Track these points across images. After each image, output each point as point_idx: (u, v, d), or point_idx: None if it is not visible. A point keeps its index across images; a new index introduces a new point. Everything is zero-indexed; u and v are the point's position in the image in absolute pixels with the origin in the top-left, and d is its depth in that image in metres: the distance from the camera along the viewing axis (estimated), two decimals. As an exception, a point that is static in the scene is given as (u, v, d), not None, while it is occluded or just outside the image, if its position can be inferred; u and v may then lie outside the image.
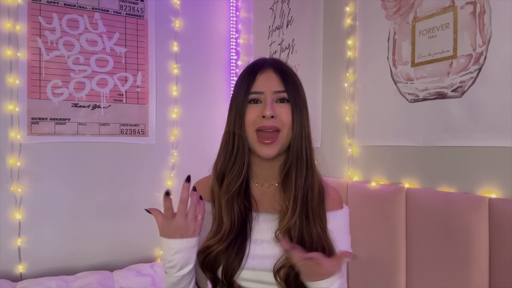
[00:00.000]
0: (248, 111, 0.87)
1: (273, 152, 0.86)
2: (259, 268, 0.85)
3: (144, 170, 2.19)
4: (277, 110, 0.86)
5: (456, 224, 1.10)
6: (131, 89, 2.16)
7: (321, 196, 0.92)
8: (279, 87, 0.88)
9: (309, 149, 0.90)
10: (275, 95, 0.87)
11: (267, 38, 2.19)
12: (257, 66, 0.91)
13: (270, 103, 0.86)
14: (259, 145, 0.86)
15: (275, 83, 0.88)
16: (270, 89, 0.87)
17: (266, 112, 0.84)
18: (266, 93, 0.87)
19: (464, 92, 1.15)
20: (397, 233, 1.29)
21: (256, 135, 0.86)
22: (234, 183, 0.89)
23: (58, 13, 1.98)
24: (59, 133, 1.99)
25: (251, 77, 0.89)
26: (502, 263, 1.00)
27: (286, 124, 0.87)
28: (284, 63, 0.94)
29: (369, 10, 1.50)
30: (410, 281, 1.25)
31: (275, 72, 0.89)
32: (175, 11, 2.29)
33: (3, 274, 1.85)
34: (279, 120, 0.86)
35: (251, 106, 0.88)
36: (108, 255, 2.09)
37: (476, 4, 1.11)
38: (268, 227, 0.88)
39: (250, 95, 0.88)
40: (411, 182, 1.32)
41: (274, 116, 0.85)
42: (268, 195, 0.93)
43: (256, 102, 0.88)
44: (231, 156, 0.90)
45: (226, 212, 0.88)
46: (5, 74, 1.87)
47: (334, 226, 0.92)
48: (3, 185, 1.87)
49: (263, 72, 0.89)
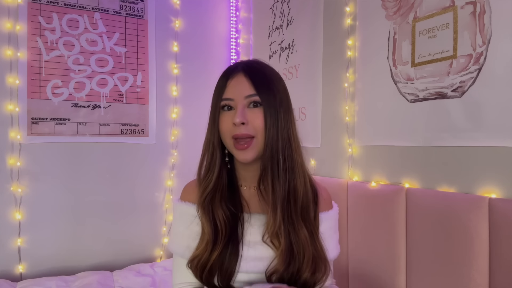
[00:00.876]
0: (222, 119, 0.87)
1: (250, 156, 0.84)
2: (253, 270, 0.84)
3: (144, 170, 2.19)
4: (249, 116, 0.84)
5: (456, 224, 1.10)
6: (131, 89, 2.16)
7: (314, 197, 0.90)
8: (250, 91, 0.85)
9: (289, 150, 0.86)
10: (246, 100, 0.85)
11: (267, 38, 2.19)
12: (228, 71, 0.90)
13: (241, 110, 0.84)
14: (236, 151, 0.85)
15: (246, 88, 0.85)
16: (241, 94, 0.85)
17: (236, 119, 0.83)
18: (237, 99, 0.85)
19: (464, 92, 1.15)
20: (397, 233, 1.29)
21: (232, 141, 0.85)
22: (210, 188, 0.88)
23: (58, 13, 1.98)
24: (59, 133, 1.99)
25: (223, 83, 0.88)
26: (502, 263, 1.00)
27: (259, 129, 0.84)
28: (258, 65, 0.90)
29: (369, 10, 1.50)
30: (410, 281, 1.25)
31: (246, 76, 0.86)
32: (175, 11, 2.29)
33: (3, 274, 1.86)
34: (251, 127, 0.84)
35: (224, 114, 0.87)
36: (108, 255, 2.09)
37: (476, 4, 1.11)
38: (261, 229, 0.87)
39: (222, 101, 0.86)
40: (411, 182, 1.32)
41: (246, 123, 0.83)
42: (257, 197, 0.92)
43: (230, 108, 0.86)
44: (207, 163, 0.90)
45: (206, 218, 0.87)
46: (5, 74, 1.87)
47: (325, 227, 0.92)
48: (3, 185, 1.87)
49: (234, 77, 0.87)
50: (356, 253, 1.45)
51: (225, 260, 0.83)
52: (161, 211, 2.25)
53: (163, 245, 2.24)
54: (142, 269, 2.01)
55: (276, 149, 0.84)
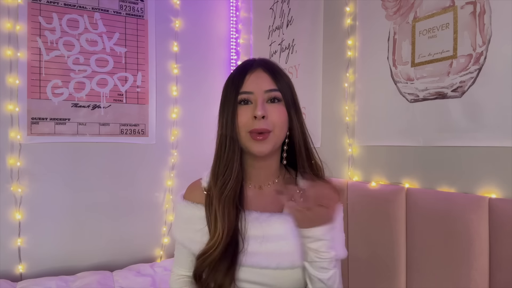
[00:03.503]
0: (240, 113, 0.87)
1: (266, 148, 0.86)
2: (251, 264, 0.85)
3: (144, 170, 2.19)
4: (268, 110, 0.85)
5: (456, 224, 1.10)
6: (131, 89, 2.16)
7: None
8: (271, 86, 0.87)
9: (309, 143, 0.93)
10: (266, 95, 0.87)
11: (267, 38, 2.19)
12: (246, 66, 0.91)
13: (261, 103, 0.85)
14: (252, 142, 0.85)
15: (266, 82, 0.87)
16: (261, 88, 0.86)
17: (257, 112, 0.83)
18: (256, 93, 0.86)
19: (464, 92, 1.15)
20: (397, 233, 1.29)
21: (248, 134, 0.86)
22: (228, 186, 0.89)
23: (58, 13, 1.98)
24: (59, 133, 1.99)
25: (241, 77, 0.88)
26: (502, 263, 1.00)
27: (277, 124, 0.86)
28: (273, 63, 0.93)
29: (369, 10, 1.50)
30: (410, 281, 1.25)
31: (265, 71, 0.88)
32: (175, 11, 2.29)
33: (3, 274, 1.86)
34: (270, 121, 0.85)
35: (242, 108, 0.87)
36: (108, 255, 2.09)
37: (476, 4, 1.11)
38: (263, 226, 0.88)
39: (240, 95, 0.87)
40: (411, 182, 1.32)
41: (265, 117, 0.85)
42: (262, 196, 0.93)
43: (247, 103, 0.87)
44: (225, 159, 0.89)
45: (221, 216, 0.87)
46: (5, 74, 1.87)
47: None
48: (3, 185, 1.87)
49: (253, 72, 0.88)
50: (356, 253, 1.45)
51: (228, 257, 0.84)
52: (161, 211, 2.25)
53: (163, 245, 2.24)
54: (142, 269, 2.01)
55: (300, 143, 0.91)
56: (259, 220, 0.88)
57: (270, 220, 0.88)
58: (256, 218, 0.89)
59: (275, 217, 0.88)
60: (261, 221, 0.88)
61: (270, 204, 0.91)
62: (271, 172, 0.94)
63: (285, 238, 0.85)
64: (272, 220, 0.87)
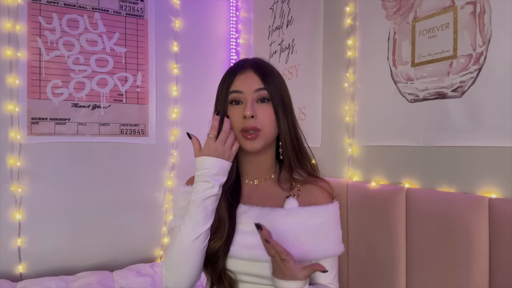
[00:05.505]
0: (231, 113, 0.91)
1: (257, 145, 0.90)
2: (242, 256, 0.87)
3: (144, 170, 2.19)
4: (258, 110, 0.89)
5: (456, 224, 1.10)
6: (131, 89, 2.16)
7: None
8: (259, 85, 0.90)
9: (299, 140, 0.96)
10: (255, 94, 0.90)
11: (267, 38, 2.19)
12: (237, 67, 0.94)
13: (251, 103, 0.89)
14: (245, 140, 0.90)
15: (255, 82, 0.91)
16: (250, 88, 0.90)
17: (246, 112, 0.88)
18: (246, 92, 0.90)
19: (464, 92, 1.15)
20: (397, 233, 1.29)
21: (241, 133, 0.90)
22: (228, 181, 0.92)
23: (58, 13, 1.98)
24: (59, 133, 1.99)
25: (231, 77, 0.92)
26: (502, 263, 1.00)
27: (266, 123, 0.90)
28: (265, 63, 0.96)
29: (369, 10, 1.50)
30: (410, 281, 1.25)
31: (255, 72, 0.92)
32: (175, 11, 2.29)
33: (3, 274, 1.86)
34: (259, 121, 0.89)
35: (233, 108, 0.91)
36: (108, 255, 2.09)
37: (476, 4, 1.11)
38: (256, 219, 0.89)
39: (231, 94, 0.91)
40: (411, 182, 1.32)
41: (255, 116, 0.88)
42: (258, 191, 0.97)
43: (238, 103, 0.91)
44: None
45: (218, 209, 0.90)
46: (5, 74, 1.87)
47: (324, 220, 0.93)
48: (3, 185, 1.87)
49: (243, 73, 0.92)
50: (356, 253, 1.45)
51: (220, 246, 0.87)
52: (161, 211, 2.25)
53: (163, 245, 2.24)
54: (142, 269, 2.01)
55: (288, 141, 0.93)
56: (260, 215, 0.90)
57: (269, 215, 0.89)
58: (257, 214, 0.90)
59: (275, 212, 0.90)
60: (261, 215, 0.90)
61: (266, 198, 0.94)
62: (266, 167, 0.98)
63: (284, 233, 0.86)
64: (272, 215, 0.89)
